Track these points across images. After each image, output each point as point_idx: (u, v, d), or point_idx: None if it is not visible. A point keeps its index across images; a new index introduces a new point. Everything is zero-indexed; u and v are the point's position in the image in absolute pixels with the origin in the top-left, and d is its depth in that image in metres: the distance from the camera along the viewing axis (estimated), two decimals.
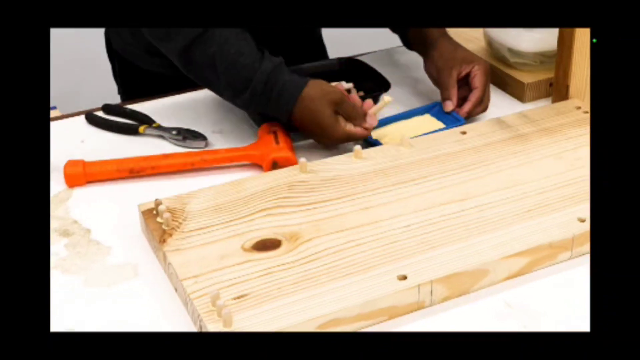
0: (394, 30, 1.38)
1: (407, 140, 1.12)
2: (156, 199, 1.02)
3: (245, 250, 0.94)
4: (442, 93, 1.25)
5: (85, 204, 1.10)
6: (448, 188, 1.03)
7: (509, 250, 0.92)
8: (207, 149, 1.21)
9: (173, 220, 0.99)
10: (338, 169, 1.07)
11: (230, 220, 0.99)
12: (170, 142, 1.23)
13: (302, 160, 1.07)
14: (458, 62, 1.24)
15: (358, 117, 1.15)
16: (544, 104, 1.29)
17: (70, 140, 1.25)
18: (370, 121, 1.16)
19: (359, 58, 1.40)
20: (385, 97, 1.17)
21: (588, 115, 1.19)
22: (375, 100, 1.21)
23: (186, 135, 1.23)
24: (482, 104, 1.24)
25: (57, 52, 2.41)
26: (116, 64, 1.50)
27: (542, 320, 0.89)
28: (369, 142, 1.18)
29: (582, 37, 1.20)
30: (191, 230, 0.98)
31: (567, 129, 1.16)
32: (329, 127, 1.14)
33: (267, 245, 0.95)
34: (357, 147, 1.10)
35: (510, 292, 0.93)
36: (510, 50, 1.33)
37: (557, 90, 1.27)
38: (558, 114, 1.19)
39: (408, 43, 1.36)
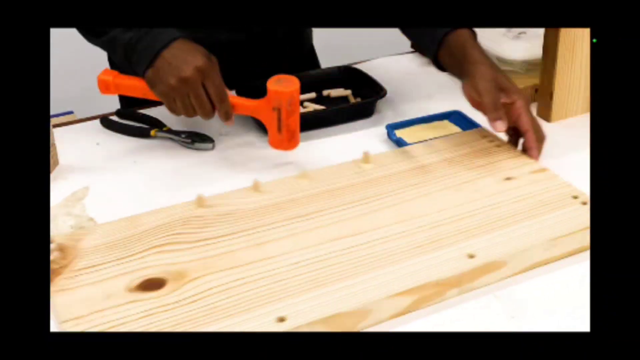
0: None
1: (307, 172, 1.08)
2: (51, 236, 0.97)
3: (129, 290, 0.90)
4: (488, 113, 1.12)
5: (101, 202, 1.11)
6: (342, 222, 0.99)
7: (394, 289, 0.88)
8: (214, 151, 1.23)
9: (62, 258, 0.94)
10: (235, 204, 1.03)
11: (122, 258, 0.95)
12: (180, 144, 1.25)
13: (200, 194, 1.03)
14: (499, 87, 1.13)
15: (218, 98, 1.12)
16: (531, 108, 1.27)
17: (86, 143, 1.27)
18: (227, 114, 1.14)
19: (356, 66, 1.44)
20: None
21: (493, 144, 1.16)
22: (372, 104, 1.31)
23: (195, 138, 1.24)
24: (540, 138, 1.15)
25: (74, 58, 2.46)
26: None
27: (529, 312, 0.89)
28: (394, 141, 1.21)
29: (565, 47, 1.23)
30: (80, 269, 0.93)
31: (469, 159, 1.12)
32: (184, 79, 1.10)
33: (152, 284, 0.91)
34: (256, 180, 1.06)
35: (498, 285, 0.93)
36: (499, 58, 1.37)
37: (541, 95, 1.30)
38: (462, 144, 1.16)
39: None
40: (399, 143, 1.21)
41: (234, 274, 0.91)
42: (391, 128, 1.24)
